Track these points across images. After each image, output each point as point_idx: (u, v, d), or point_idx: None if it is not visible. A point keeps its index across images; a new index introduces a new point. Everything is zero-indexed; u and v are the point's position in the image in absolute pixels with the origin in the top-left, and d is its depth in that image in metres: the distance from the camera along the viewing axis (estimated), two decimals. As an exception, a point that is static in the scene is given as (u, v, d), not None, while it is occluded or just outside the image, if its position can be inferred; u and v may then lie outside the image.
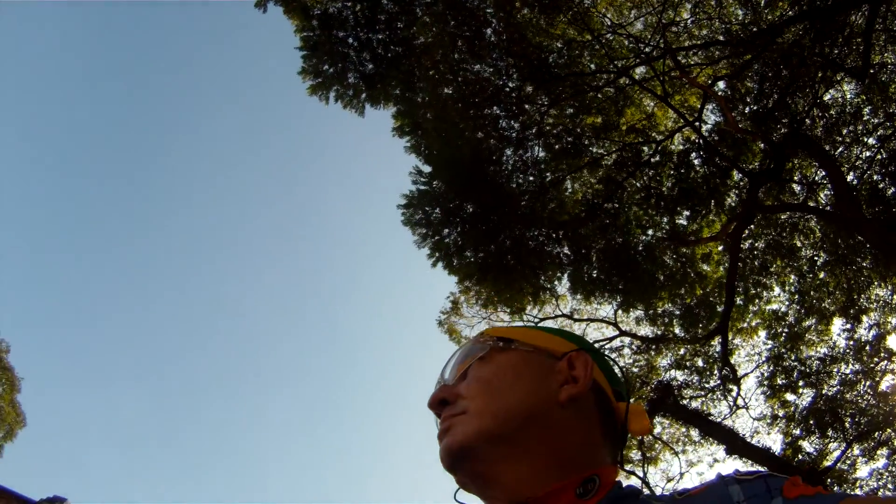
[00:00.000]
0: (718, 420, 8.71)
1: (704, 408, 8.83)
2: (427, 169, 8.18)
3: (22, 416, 15.31)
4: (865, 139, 10.72)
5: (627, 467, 8.12)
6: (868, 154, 10.72)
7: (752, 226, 9.23)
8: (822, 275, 9.75)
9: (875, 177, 10.58)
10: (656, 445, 8.40)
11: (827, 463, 9.83)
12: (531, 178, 8.14)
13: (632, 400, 0.83)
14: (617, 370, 0.83)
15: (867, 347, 10.31)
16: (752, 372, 9.33)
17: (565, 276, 8.23)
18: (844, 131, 10.69)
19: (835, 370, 9.75)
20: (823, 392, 9.56)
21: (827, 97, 10.51)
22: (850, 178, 10.33)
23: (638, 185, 8.45)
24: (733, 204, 9.07)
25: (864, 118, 10.68)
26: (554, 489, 0.66)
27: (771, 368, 9.29)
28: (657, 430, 7.74)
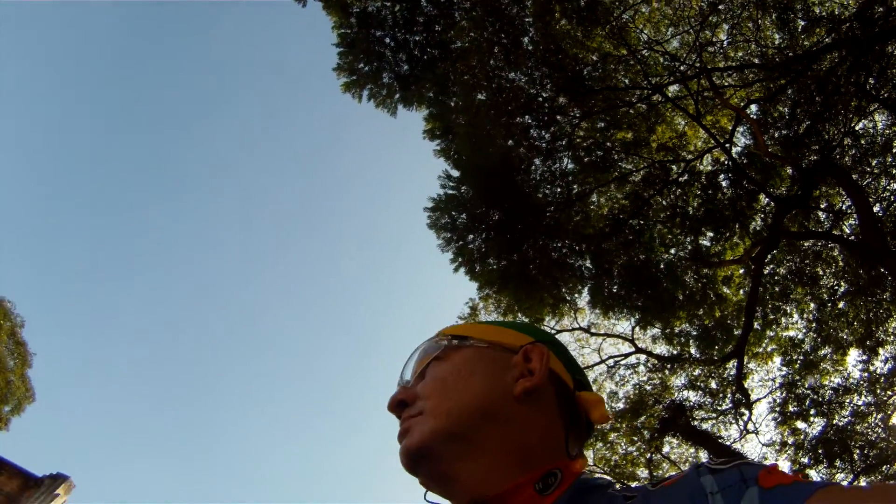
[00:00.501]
0: (728, 443, 8.71)
1: (715, 430, 8.85)
2: (456, 174, 8.24)
3: (31, 391, 15.46)
4: (894, 171, 10.64)
5: (633, 485, 8.14)
6: (896, 186, 10.63)
7: (775, 251, 9.20)
8: (841, 304, 9.70)
9: (901, 209, 10.49)
10: (663, 465, 8.43)
11: (833, 493, 9.79)
12: (558, 190, 8.18)
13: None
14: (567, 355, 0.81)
15: (882, 380, 10.26)
16: (764, 397, 9.32)
17: (586, 289, 8.27)
18: (874, 162, 10.62)
19: (847, 401, 9.71)
20: (834, 422, 9.53)
21: (858, 127, 10.44)
22: (876, 209, 10.28)
23: (664, 203, 8.46)
24: (758, 228, 9.05)
25: (894, 150, 10.60)
26: (512, 486, 0.65)
27: (784, 395, 9.27)
28: (666, 448, 7.78)
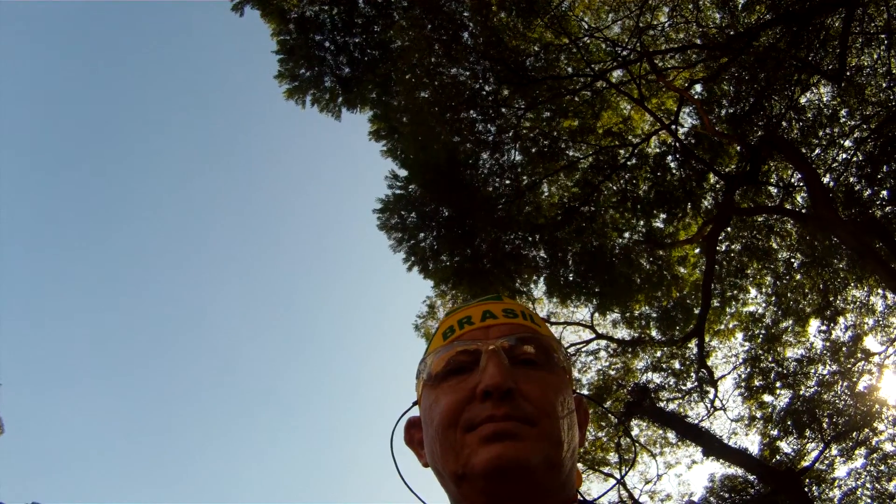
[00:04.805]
0: (696, 422, 8.74)
1: (682, 410, 8.87)
2: (403, 173, 8.18)
3: (0, 422, 15.07)
4: (842, 141, 10.81)
5: (605, 469, 8.15)
6: (844, 156, 10.81)
7: (728, 228, 9.28)
8: (798, 276, 9.82)
9: (851, 179, 10.67)
10: (634, 448, 8.43)
11: (805, 463, 9.90)
12: (507, 182, 8.15)
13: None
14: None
15: (844, 348, 10.40)
16: (729, 374, 9.40)
17: (541, 279, 8.26)
18: (821, 133, 10.78)
19: (812, 371, 9.82)
20: (801, 393, 9.64)
21: (803, 100, 10.59)
22: (826, 179, 10.42)
23: (614, 188, 8.48)
24: (709, 206, 9.12)
25: (841, 121, 10.77)
26: None
27: (748, 370, 9.34)
28: (634, 431, 7.77)
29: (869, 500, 10.93)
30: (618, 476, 7.58)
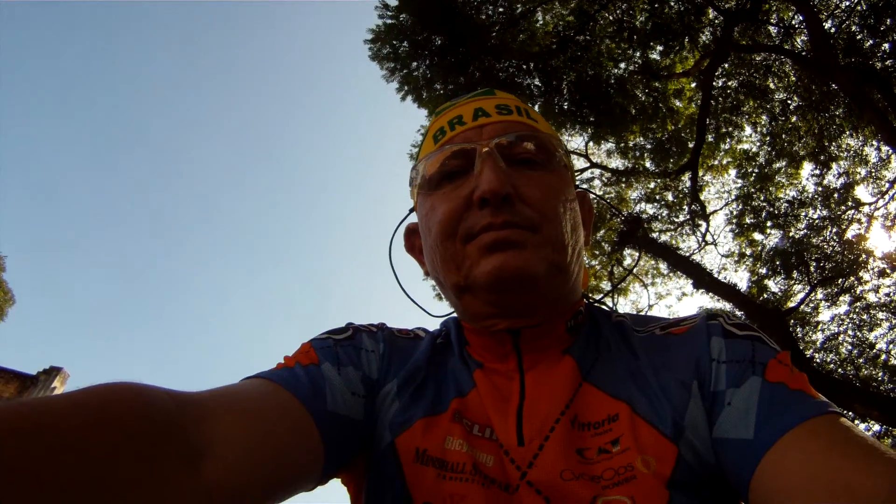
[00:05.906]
0: (687, 255, 8.99)
1: (673, 242, 9.10)
2: (393, 2, 7.93)
3: (9, 293, 15.34)
4: (846, -11, 10.46)
5: (597, 296, 8.47)
6: (847, 4, 10.52)
7: (725, 64, 9.15)
8: (794, 119, 9.79)
9: (853, 27, 10.42)
10: (638, 258, 8.68)
11: (791, 304, 10.27)
12: (501, 10, 7.92)
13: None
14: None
15: (835, 195, 10.55)
16: (721, 209, 9.57)
17: (536, 107, 8.20)
18: (824, -22, 10.41)
19: (802, 214, 10.00)
20: (790, 234, 9.85)
21: (808, -58, 10.17)
22: (828, 25, 10.18)
23: (610, 17, 8.27)
24: (707, 41, 8.95)
25: (847, -32, 10.38)
26: (552, 323, 0.65)
27: (740, 207, 9.51)
28: (627, 261, 8.03)
29: (850, 347, 11.45)
30: (611, 305, 7.87)
